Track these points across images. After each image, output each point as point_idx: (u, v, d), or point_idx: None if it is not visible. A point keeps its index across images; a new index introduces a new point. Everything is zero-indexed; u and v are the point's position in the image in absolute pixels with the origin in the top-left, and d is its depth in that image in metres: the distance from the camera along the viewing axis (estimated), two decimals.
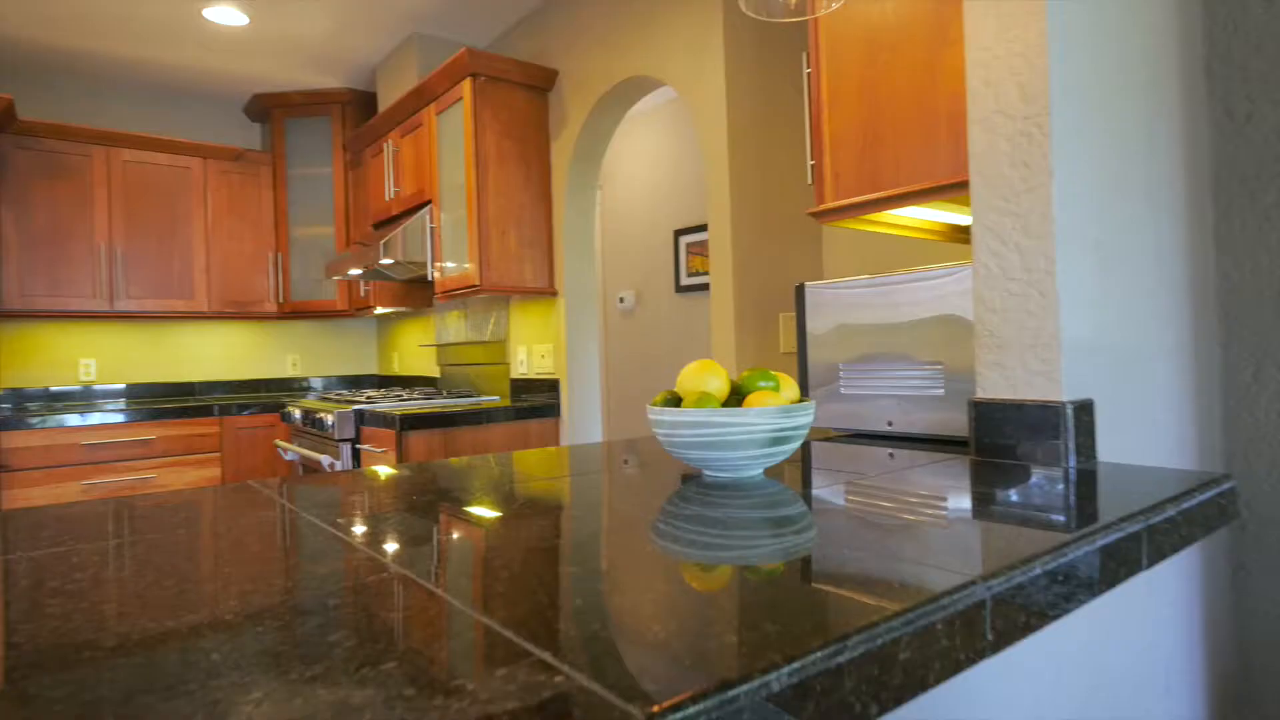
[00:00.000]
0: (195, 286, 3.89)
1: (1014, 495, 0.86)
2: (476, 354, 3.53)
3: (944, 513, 0.78)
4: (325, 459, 2.95)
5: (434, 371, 4.01)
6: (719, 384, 0.96)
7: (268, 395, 4.23)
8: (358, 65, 3.69)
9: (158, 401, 3.88)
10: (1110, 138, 1.08)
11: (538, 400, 3.05)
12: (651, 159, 4.41)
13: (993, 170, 1.05)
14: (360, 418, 2.92)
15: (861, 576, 0.58)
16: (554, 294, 2.97)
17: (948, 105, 1.15)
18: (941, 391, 1.24)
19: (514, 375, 3.27)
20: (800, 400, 1.01)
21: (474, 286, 2.80)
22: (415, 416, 2.63)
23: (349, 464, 2.93)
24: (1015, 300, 1.04)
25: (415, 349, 4.23)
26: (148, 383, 4.05)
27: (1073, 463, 1.00)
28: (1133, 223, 1.12)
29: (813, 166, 1.30)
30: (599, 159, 2.95)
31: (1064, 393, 1.00)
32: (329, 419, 2.94)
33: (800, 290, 1.40)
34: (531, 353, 3.15)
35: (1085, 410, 1.01)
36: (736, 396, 0.98)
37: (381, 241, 3.08)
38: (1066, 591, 0.63)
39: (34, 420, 3.16)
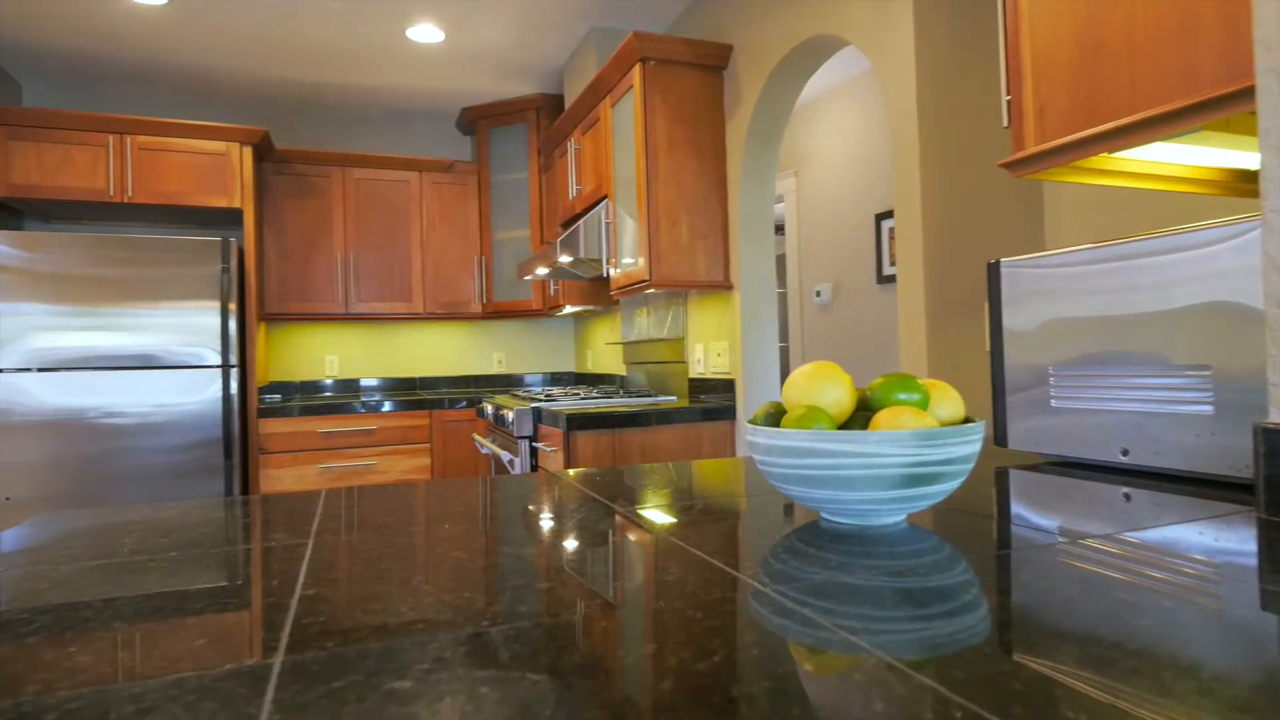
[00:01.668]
0: (412, 290, 4.23)
1: None
2: (659, 352, 3.42)
3: (1204, 615, 0.46)
4: (506, 455, 3.00)
5: (623, 369, 3.98)
6: (838, 395, 0.70)
7: (475, 390, 4.49)
8: (546, 68, 3.75)
9: (381, 395, 4.28)
10: None
11: (713, 402, 2.86)
12: (849, 137, 4.00)
13: None
14: (537, 416, 2.93)
15: None
16: (729, 287, 2.76)
17: None
18: (1209, 409, 0.84)
19: (692, 374, 3.10)
20: (963, 421, 0.71)
21: (643, 282, 2.68)
22: (583, 416, 2.56)
23: (526, 461, 2.96)
24: None
25: (604, 346, 4.24)
26: (377, 377, 4.48)
27: None
28: None
29: (1009, 102, 0.96)
30: (777, 139, 2.67)
31: None
32: (509, 415, 2.99)
33: (994, 270, 1.05)
34: (708, 350, 2.96)
35: None
36: (865, 414, 0.71)
37: (558, 240, 3.07)
38: None
39: (283, 410, 3.60)
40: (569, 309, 3.92)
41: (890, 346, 3.74)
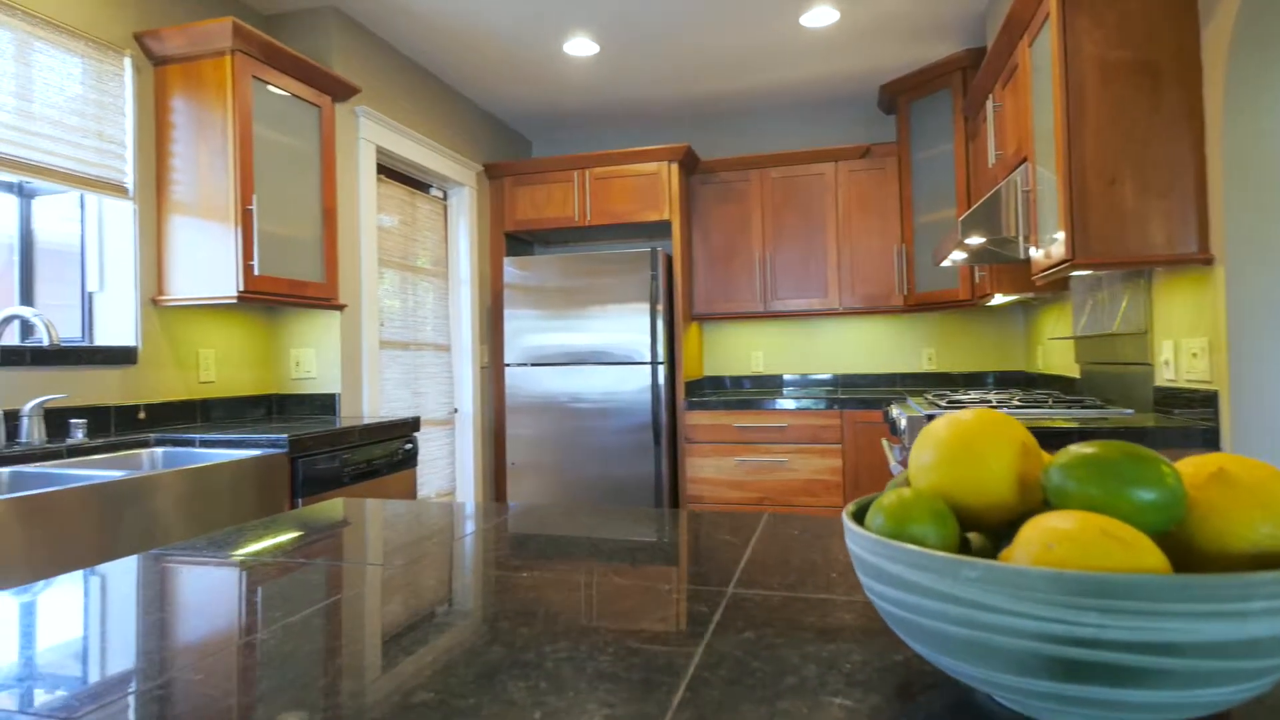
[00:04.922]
0: (828, 285, 4.12)
1: None
2: (1115, 349, 2.64)
3: None
4: (898, 468, 2.69)
5: (1076, 370, 3.20)
6: (993, 471, 0.38)
7: (901, 390, 4.16)
8: (965, 19, 3.22)
9: (797, 391, 4.28)
10: None
11: (1182, 421, 2.06)
12: None
13: None
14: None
15: None
16: (1207, 261, 1.95)
17: None
18: None
19: (1158, 381, 2.30)
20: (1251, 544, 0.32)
21: (1064, 262, 2.07)
22: None
23: None
24: None
25: (1052, 343, 3.48)
26: (799, 373, 4.51)
27: None
28: None
29: None
30: None
31: None
32: (901, 422, 2.67)
33: None
34: (1179, 349, 2.16)
35: None
36: (1045, 510, 0.37)
37: (961, 217, 2.60)
38: None
39: (703, 403, 3.89)
40: (999, 298, 3.32)
41: None
